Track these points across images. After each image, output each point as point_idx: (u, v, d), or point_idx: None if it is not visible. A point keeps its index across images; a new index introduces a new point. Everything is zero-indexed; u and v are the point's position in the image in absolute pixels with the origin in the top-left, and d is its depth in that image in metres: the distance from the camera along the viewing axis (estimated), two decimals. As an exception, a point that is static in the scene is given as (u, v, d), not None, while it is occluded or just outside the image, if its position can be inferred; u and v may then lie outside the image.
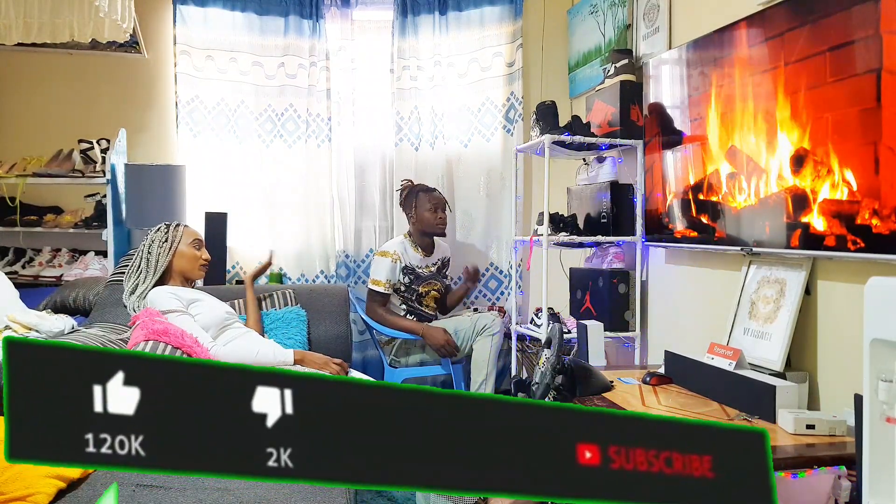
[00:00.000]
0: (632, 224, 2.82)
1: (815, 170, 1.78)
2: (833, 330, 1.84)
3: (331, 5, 3.61)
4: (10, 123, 3.54)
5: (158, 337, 1.82)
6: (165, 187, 3.21)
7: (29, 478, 1.32)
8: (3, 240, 3.36)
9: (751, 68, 2.03)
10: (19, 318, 2.11)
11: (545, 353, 2.08)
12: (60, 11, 2.53)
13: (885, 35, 1.55)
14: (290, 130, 3.62)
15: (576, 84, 3.56)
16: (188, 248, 2.36)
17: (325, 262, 3.62)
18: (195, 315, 2.14)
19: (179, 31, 3.51)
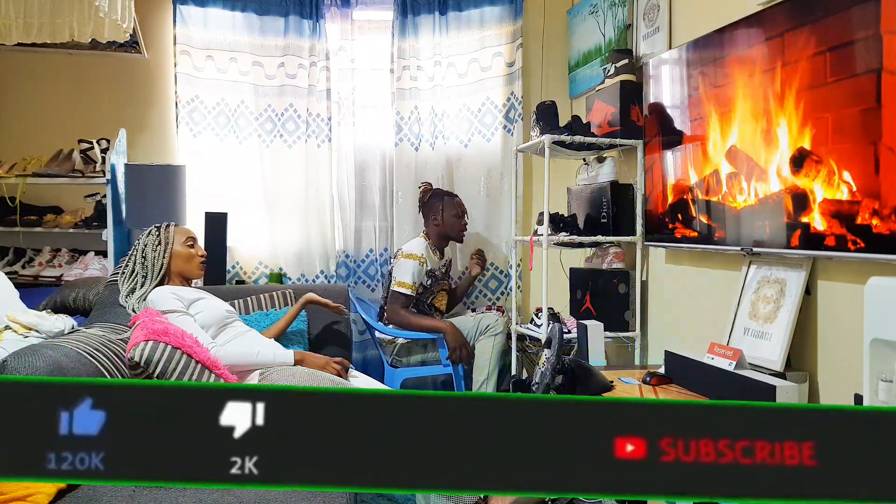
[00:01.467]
0: (632, 224, 2.82)
1: (815, 170, 1.78)
2: (833, 330, 1.84)
3: (331, 5, 3.61)
4: (10, 123, 3.54)
5: (158, 337, 1.82)
6: (165, 187, 3.21)
7: (29, 478, 1.32)
8: (3, 240, 3.36)
9: (751, 68, 2.03)
10: (19, 318, 2.11)
11: (545, 353, 2.08)
12: (60, 11, 2.53)
13: (885, 35, 1.55)
14: (290, 130, 3.62)
15: (576, 84, 3.56)
16: (182, 247, 2.34)
17: (325, 262, 3.62)
18: (196, 314, 2.14)
19: (179, 31, 3.51)
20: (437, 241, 3.29)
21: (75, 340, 1.86)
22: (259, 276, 3.60)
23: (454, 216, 3.27)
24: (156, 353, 1.77)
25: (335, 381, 2.06)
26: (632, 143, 2.79)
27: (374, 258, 3.71)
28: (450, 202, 3.29)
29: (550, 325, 2.53)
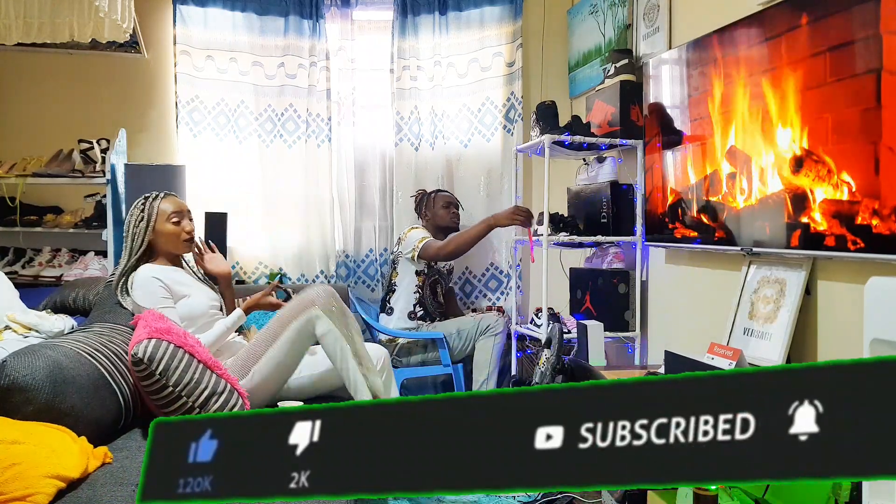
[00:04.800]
0: (632, 224, 2.82)
1: (815, 170, 1.78)
2: (833, 330, 1.84)
3: (331, 5, 3.61)
4: (10, 123, 3.54)
5: (161, 335, 1.82)
6: (165, 187, 3.17)
7: (29, 478, 1.32)
8: (3, 240, 3.36)
9: (751, 68, 2.03)
10: (19, 318, 2.11)
11: (545, 353, 2.08)
12: (60, 11, 2.53)
13: (885, 35, 1.55)
14: (290, 130, 3.62)
15: (576, 84, 3.56)
16: (167, 224, 2.22)
17: (325, 262, 3.62)
18: (181, 308, 2.16)
19: (179, 31, 3.51)
20: (433, 235, 3.31)
21: (75, 340, 1.86)
22: (259, 276, 3.60)
23: (442, 207, 3.34)
24: (158, 350, 1.77)
25: (274, 304, 2.32)
26: (632, 143, 2.79)
27: (374, 258, 3.71)
28: (437, 195, 3.38)
29: (550, 325, 2.53)
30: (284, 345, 2.08)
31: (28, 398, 1.55)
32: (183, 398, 1.80)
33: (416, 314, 3.27)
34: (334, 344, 2.04)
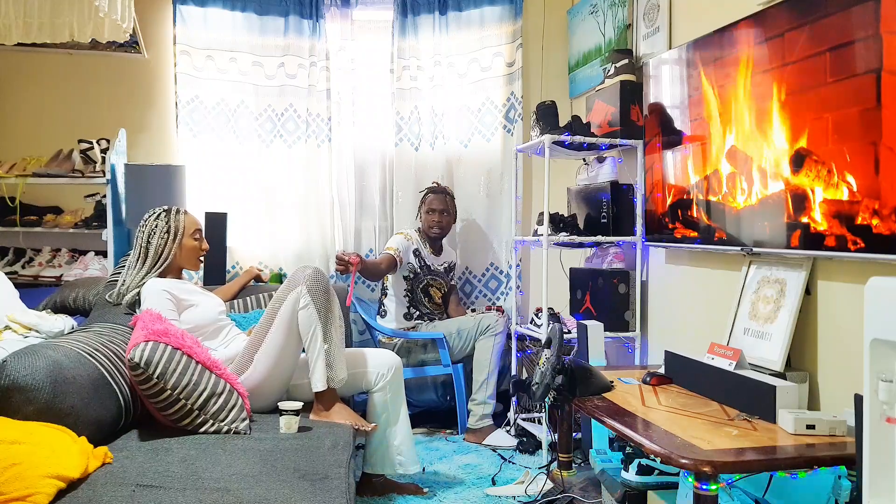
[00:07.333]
0: (632, 224, 2.82)
1: (815, 170, 1.78)
2: (833, 330, 1.84)
3: (331, 5, 3.62)
4: (10, 123, 3.54)
5: (158, 337, 1.82)
6: (165, 187, 3.21)
7: (29, 478, 1.32)
8: (3, 240, 3.36)
9: (751, 68, 2.03)
10: (19, 318, 2.11)
11: (545, 353, 2.08)
12: (60, 11, 2.53)
13: (885, 35, 1.55)
14: (290, 130, 3.62)
15: (576, 84, 3.56)
16: (191, 239, 2.30)
17: (325, 262, 3.62)
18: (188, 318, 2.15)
19: (179, 31, 3.51)
20: (424, 237, 3.36)
21: (75, 340, 1.87)
22: (259, 276, 3.60)
23: (426, 212, 3.37)
24: (156, 353, 1.77)
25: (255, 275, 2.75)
26: (632, 143, 2.79)
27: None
28: (425, 198, 3.40)
29: (550, 325, 2.53)
30: (282, 325, 2.10)
31: (28, 398, 1.55)
32: (181, 401, 1.80)
33: (411, 315, 3.29)
34: (308, 318, 2.08)
